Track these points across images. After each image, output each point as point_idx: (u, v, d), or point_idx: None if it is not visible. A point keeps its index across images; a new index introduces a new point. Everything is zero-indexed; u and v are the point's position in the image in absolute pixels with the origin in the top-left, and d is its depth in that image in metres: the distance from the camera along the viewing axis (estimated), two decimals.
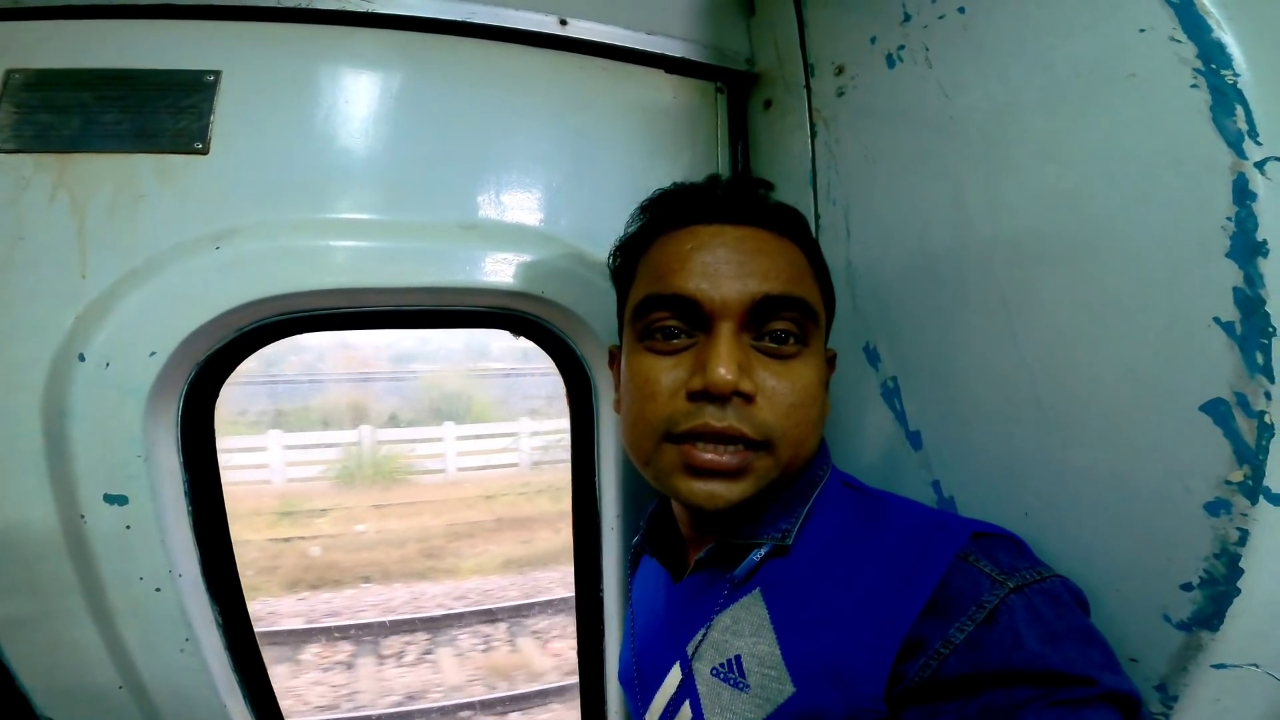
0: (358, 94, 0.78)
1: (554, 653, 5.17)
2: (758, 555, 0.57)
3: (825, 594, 0.53)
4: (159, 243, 0.70)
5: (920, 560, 0.49)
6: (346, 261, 0.74)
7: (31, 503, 0.67)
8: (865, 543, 0.54)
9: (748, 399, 0.53)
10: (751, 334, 0.55)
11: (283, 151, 0.74)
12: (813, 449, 0.58)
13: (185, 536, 0.75)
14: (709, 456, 0.52)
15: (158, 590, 0.71)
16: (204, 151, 0.71)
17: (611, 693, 0.95)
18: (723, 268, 0.55)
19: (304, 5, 0.74)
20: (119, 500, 0.69)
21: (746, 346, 0.55)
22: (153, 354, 0.68)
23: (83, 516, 0.68)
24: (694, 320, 0.56)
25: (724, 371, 0.51)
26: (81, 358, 0.67)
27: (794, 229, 0.61)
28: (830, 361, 0.65)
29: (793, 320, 0.55)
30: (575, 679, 1.03)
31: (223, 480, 0.79)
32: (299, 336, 0.79)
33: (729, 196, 0.60)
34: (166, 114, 0.71)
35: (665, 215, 0.62)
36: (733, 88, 0.93)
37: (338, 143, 0.76)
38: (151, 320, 0.69)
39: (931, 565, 0.48)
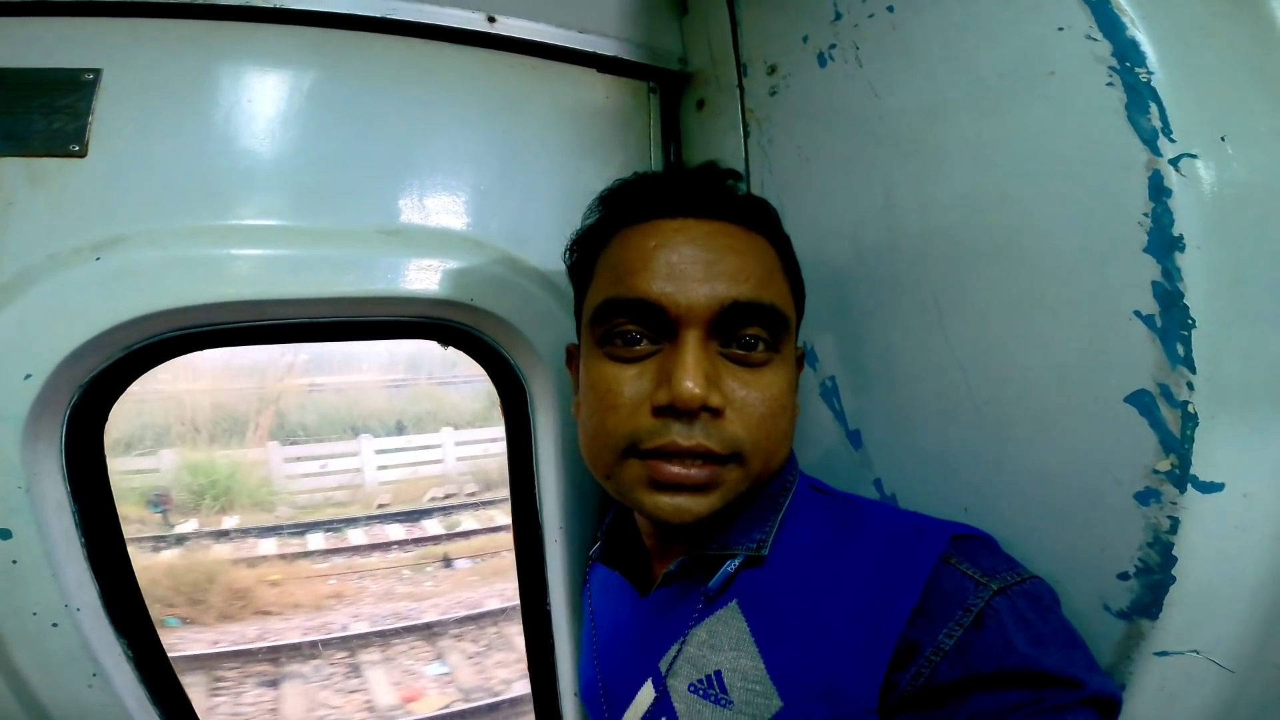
0: (263, 93, 0.72)
1: None
2: (732, 566, 0.54)
3: (808, 604, 0.51)
4: (30, 254, 0.62)
5: (904, 565, 0.48)
6: (250, 271, 0.68)
7: None
8: (844, 550, 0.52)
9: (716, 413, 0.50)
10: (719, 340, 0.52)
11: (174, 154, 0.68)
12: (784, 458, 0.56)
13: (80, 569, 0.68)
14: (676, 470, 0.50)
15: (55, 625, 0.65)
16: (81, 154, 0.64)
17: (567, 707, 0.92)
18: (689, 268, 0.51)
19: (200, 1, 0.67)
20: (1, 534, 0.62)
21: (714, 354, 0.51)
22: (28, 377, 0.61)
23: None
24: (658, 326, 0.52)
25: (691, 385, 0.48)
26: None
27: (764, 222, 0.57)
28: (799, 360, 0.62)
29: (763, 326, 0.52)
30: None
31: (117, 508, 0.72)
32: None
33: (694, 187, 0.55)
34: (38, 114, 0.64)
35: (626, 207, 0.57)
36: (665, 87, 0.92)
37: (239, 144, 0.70)
38: (25, 340, 0.61)
39: (915, 570, 0.47)
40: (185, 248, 0.66)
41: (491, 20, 0.79)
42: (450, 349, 0.82)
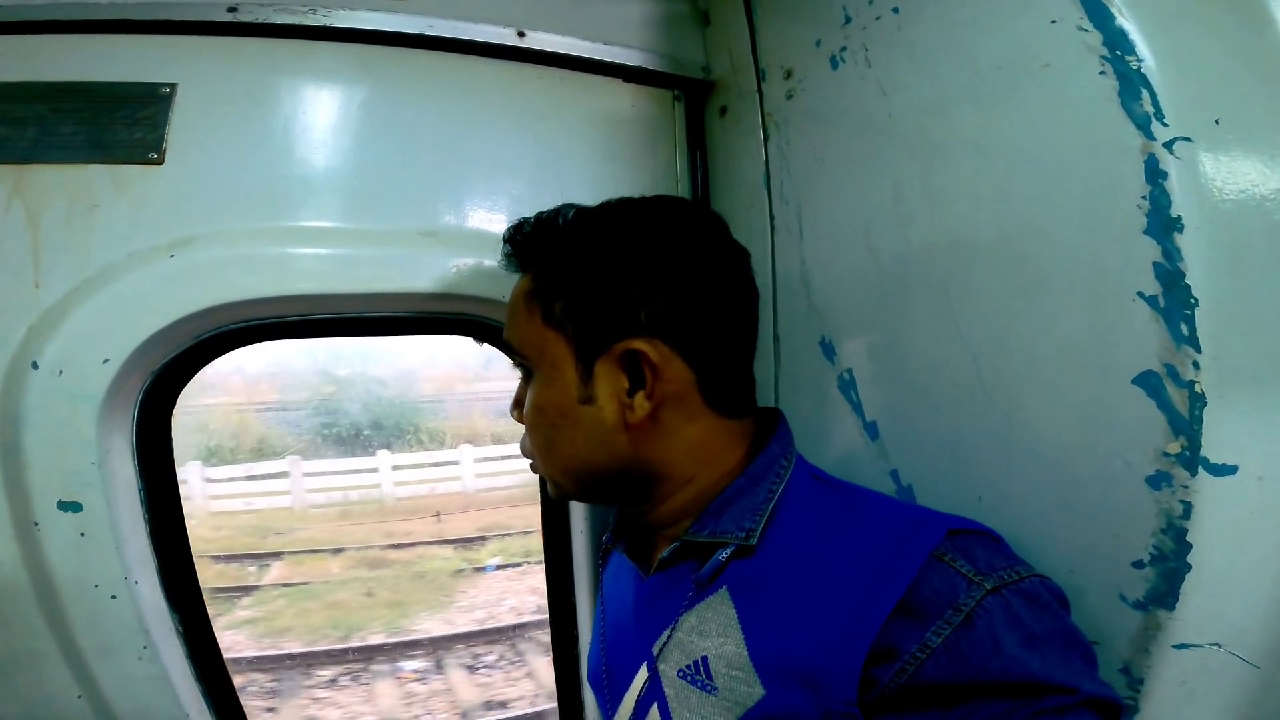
0: (317, 106, 0.79)
1: None
2: (723, 555, 0.55)
3: (796, 593, 0.51)
4: (113, 252, 0.70)
5: (894, 559, 0.47)
6: (306, 268, 0.74)
7: None
8: (838, 540, 0.52)
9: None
10: None
11: (240, 162, 0.75)
12: (577, 455, 0.58)
13: (142, 544, 0.74)
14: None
15: (114, 598, 0.71)
16: (159, 162, 0.72)
17: (589, 699, 0.94)
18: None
19: (261, 20, 0.75)
20: (73, 507, 0.69)
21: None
22: (106, 361, 0.68)
23: (36, 524, 0.67)
24: None
25: (510, 407, 0.65)
26: (35, 366, 0.67)
27: (531, 259, 0.61)
28: (621, 361, 0.55)
29: (513, 357, 0.63)
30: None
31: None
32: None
33: (511, 250, 0.63)
34: (121, 125, 0.72)
35: None
36: (690, 96, 0.95)
37: (296, 153, 0.77)
38: (105, 328, 0.69)
39: (905, 565, 0.46)
40: (249, 246, 0.73)
41: (522, 35, 0.84)
42: (485, 345, 0.87)
